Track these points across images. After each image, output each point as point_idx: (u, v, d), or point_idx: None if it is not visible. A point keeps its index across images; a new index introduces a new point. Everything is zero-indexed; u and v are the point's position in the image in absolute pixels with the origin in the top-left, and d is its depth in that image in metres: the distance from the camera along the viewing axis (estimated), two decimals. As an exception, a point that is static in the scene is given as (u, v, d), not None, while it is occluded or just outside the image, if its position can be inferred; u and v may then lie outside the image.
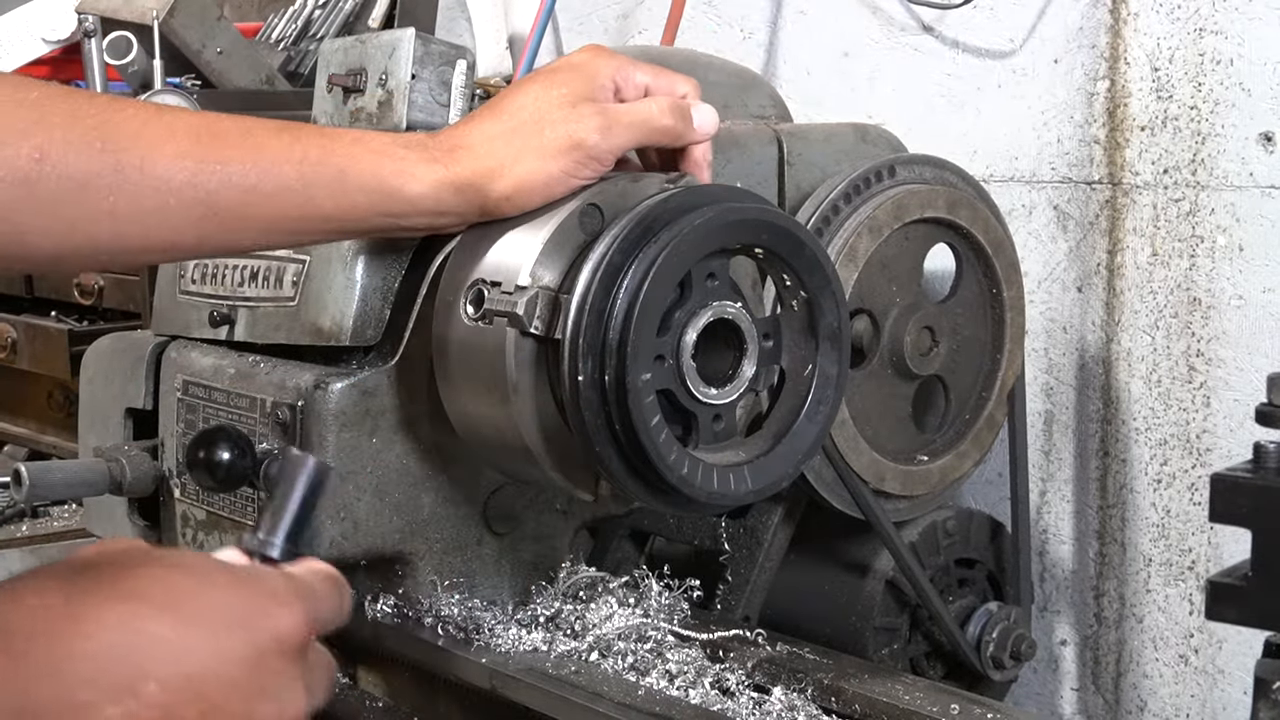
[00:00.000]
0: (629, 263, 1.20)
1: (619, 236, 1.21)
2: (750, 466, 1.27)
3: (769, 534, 1.66)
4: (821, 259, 1.29)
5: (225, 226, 1.16)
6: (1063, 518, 2.06)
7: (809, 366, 1.30)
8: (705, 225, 1.21)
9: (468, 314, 1.26)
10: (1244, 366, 1.86)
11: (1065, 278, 2.02)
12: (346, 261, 1.41)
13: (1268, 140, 1.81)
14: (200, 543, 1.54)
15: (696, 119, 1.29)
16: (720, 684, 1.38)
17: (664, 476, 1.21)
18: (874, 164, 1.60)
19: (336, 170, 1.18)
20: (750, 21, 2.39)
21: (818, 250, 1.29)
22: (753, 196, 1.32)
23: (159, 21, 2.25)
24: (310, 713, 0.84)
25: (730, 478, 1.26)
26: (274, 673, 0.83)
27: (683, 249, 1.20)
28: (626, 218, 1.22)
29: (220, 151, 1.14)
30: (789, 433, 1.30)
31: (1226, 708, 1.92)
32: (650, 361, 1.20)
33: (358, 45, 1.49)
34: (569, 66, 1.27)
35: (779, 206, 1.55)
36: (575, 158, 1.23)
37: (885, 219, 1.58)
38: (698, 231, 1.21)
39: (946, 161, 1.67)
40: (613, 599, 1.46)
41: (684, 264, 1.21)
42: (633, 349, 1.18)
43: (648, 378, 1.19)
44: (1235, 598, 0.94)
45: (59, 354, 2.48)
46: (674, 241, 1.19)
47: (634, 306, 1.18)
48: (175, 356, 1.58)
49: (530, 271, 1.22)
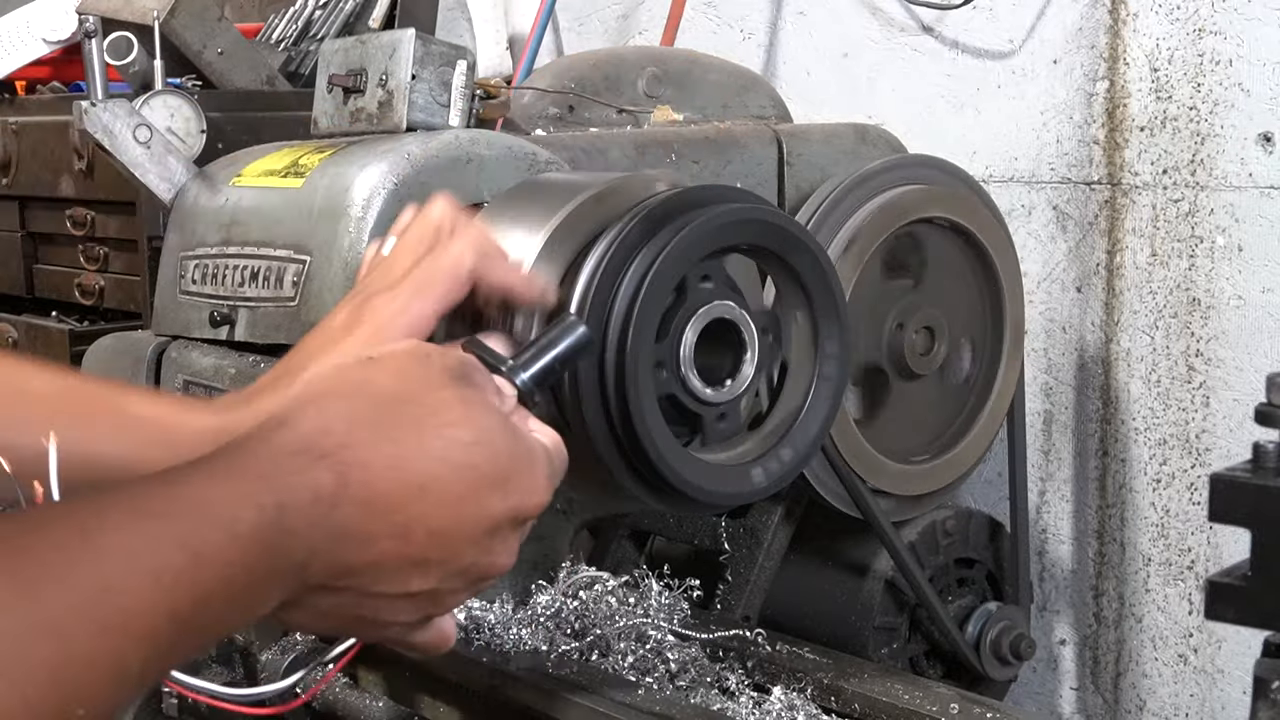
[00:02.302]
0: (627, 265, 1.19)
1: (617, 239, 1.21)
2: (752, 464, 1.28)
3: (769, 534, 1.66)
4: (820, 257, 1.30)
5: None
6: (1062, 517, 2.06)
7: (809, 365, 1.30)
8: (702, 226, 1.21)
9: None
10: (1243, 366, 1.86)
11: (1065, 278, 2.02)
12: (346, 261, 1.41)
13: (1267, 141, 1.81)
14: (201, 543, 1.54)
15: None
16: (720, 684, 1.39)
17: (666, 478, 1.21)
18: (874, 164, 1.60)
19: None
20: (750, 22, 2.39)
21: (816, 249, 1.29)
22: (749, 196, 1.32)
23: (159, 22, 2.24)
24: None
25: (732, 476, 1.26)
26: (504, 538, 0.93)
27: (678, 253, 1.20)
28: (621, 222, 1.22)
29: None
30: (790, 431, 1.30)
31: (1225, 707, 1.92)
32: (650, 368, 1.20)
33: (358, 46, 1.49)
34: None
35: (779, 206, 1.55)
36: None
37: (885, 219, 1.58)
38: (695, 233, 1.21)
39: (946, 162, 1.68)
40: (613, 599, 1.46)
41: (682, 266, 1.21)
42: (631, 355, 1.18)
43: (648, 384, 1.19)
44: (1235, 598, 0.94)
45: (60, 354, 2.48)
46: (672, 244, 1.20)
47: (632, 311, 1.18)
48: (175, 356, 1.58)
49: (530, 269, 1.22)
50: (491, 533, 0.92)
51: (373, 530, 0.87)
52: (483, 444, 0.92)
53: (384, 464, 0.88)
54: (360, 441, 0.87)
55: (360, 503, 0.86)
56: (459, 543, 0.91)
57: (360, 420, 0.89)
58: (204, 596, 0.78)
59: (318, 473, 0.85)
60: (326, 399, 0.90)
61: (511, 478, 0.93)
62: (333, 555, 0.86)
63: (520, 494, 0.93)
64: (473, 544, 0.91)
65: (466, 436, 0.91)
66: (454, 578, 0.92)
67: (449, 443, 0.90)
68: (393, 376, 0.92)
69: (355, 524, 0.86)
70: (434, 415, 0.91)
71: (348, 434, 0.87)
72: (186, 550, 0.78)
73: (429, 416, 0.91)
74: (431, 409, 0.91)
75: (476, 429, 0.92)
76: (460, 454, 0.90)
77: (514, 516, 0.93)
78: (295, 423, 0.88)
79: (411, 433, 0.90)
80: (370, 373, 0.93)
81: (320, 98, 1.52)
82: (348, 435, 0.87)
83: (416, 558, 0.89)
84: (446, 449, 0.90)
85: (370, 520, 0.87)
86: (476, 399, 0.94)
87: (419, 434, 0.90)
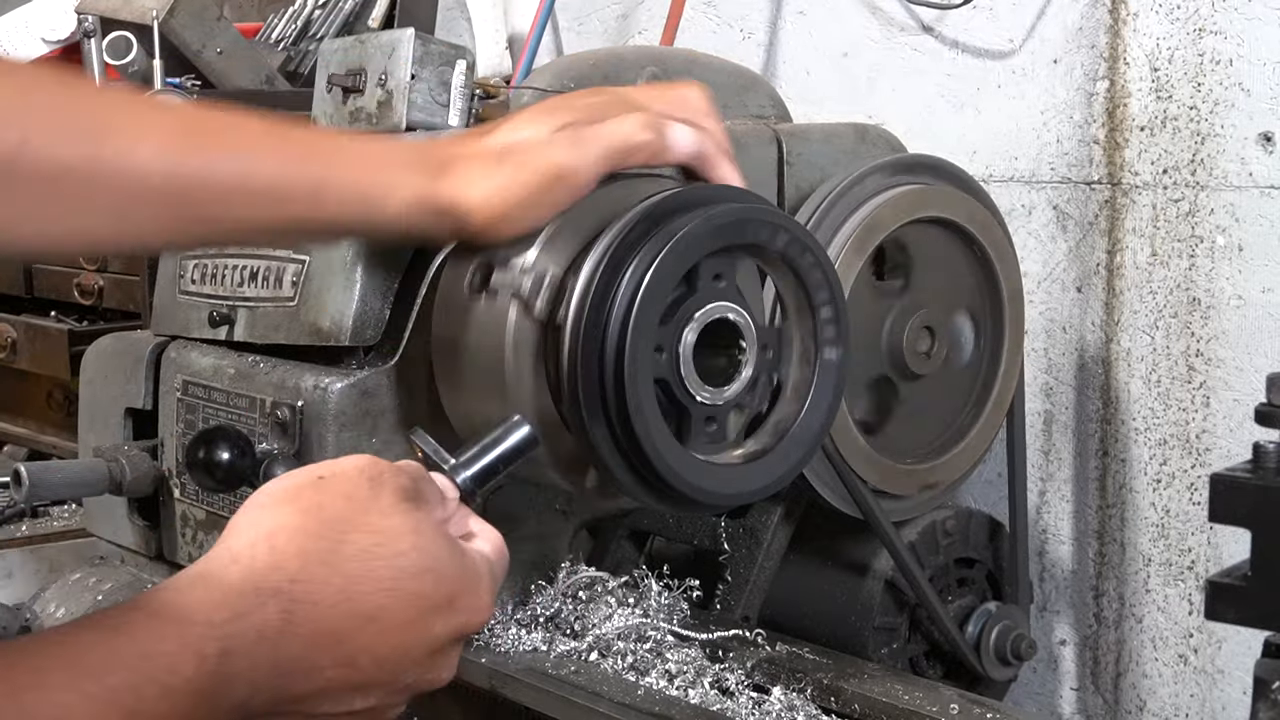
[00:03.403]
0: (633, 254, 1.21)
1: (624, 229, 1.22)
2: (751, 465, 1.28)
3: (769, 534, 1.66)
4: (820, 257, 1.30)
5: (199, 225, 1.15)
6: (1062, 517, 2.06)
7: (809, 364, 1.30)
8: (709, 221, 1.23)
9: (473, 286, 1.27)
10: (1243, 366, 1.86)
11: (1065, 278, 2.02)
12: (346, 261, 1.41)
13: (1267, 140, 1.81)
14: (200, 543, 1.54)
15: (669, 137, 1.27)
16: (720, 684, 1.39)
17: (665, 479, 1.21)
18: (873, 164, 1.60)
19: (316, 179, 1.16)
20: (750, 21, 2.39)
21: (816, 249, 1.30)
22: (749, 196, 1.32)
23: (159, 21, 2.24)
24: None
25: (733, 476, 1.26)
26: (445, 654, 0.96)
27: (686, 243, 1.21)
28: (632, 212, 1.24)
29: (202, 151, 1.12)
30: (789, 431, 1.30)
31: (1226, 707, 1.92)
32: (650, 351, 1.21)
33: (357, 45, 1.49)
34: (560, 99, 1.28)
35: (779, 206, 1.55)
36: (554, 187, 1.23)
37: (885, 219, 1.58)
38: (702, 227, 1.22)
39: (946, 162, 1.67)
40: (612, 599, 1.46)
41: (686, 258, 1.22)
42: (633, 338, 1.19)
43: (648, 385, 1.20)
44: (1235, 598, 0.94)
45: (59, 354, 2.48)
46: (678, 236, 1.21)
47: (636, 296, 1.19)
48: (175, 356, 1.58)
49: (537, 256, 1.24)
50: (434, 653, 0.95)
51: (318, 661, 0.89)
52: (431, 570, 0.94)
53: (334, 597, 0.89)
54: (311, 576, 0.89)
55: (306, 637, 0.88)
56: (404, 665, 0.93)
57: (311, 553, 0.90)
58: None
59: (266, 612, 0.87)
60: (278, 533, 0.91)
61: (456, 599, 0.95)
62: (276, 688, 0.88)
63: (465, 614, 0.96)
64: (416, 665, 0.94)
65: (415, 565, 0.93)
66: (395, 694, 0.95)
67: (399, 572, 0.92)
68: (344, 501, 0.94)
69: (300, 656, 0.88)
70: (384, 545, 0.92)
71: (300, 570, 0.89)
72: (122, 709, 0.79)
73: (378, 546, 0.92)
74: (382, 537, 0.93)
75: (425, 556, 0.94)
76: (410, 583, 0.92)
77: (458, 635, 0.96)
78: (248, 559, 0.89)
79: (361, 564, 0.91)
80: (323, 497, 0.94)
81: (319, 97, 1.52)
82: (300, 571, 0.89)
83: (361, 683, 0.91)
84: (396, 579, 0.92)
85: (316, 652, 0.89)
86: (426, 524, 0.95)
87: (369, 564, 0.91)
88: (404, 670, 0.94)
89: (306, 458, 1.38)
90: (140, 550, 1.64)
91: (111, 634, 0.83)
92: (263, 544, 0.90)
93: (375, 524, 0.93)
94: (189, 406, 1.53)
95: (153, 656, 0.82)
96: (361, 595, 0.91)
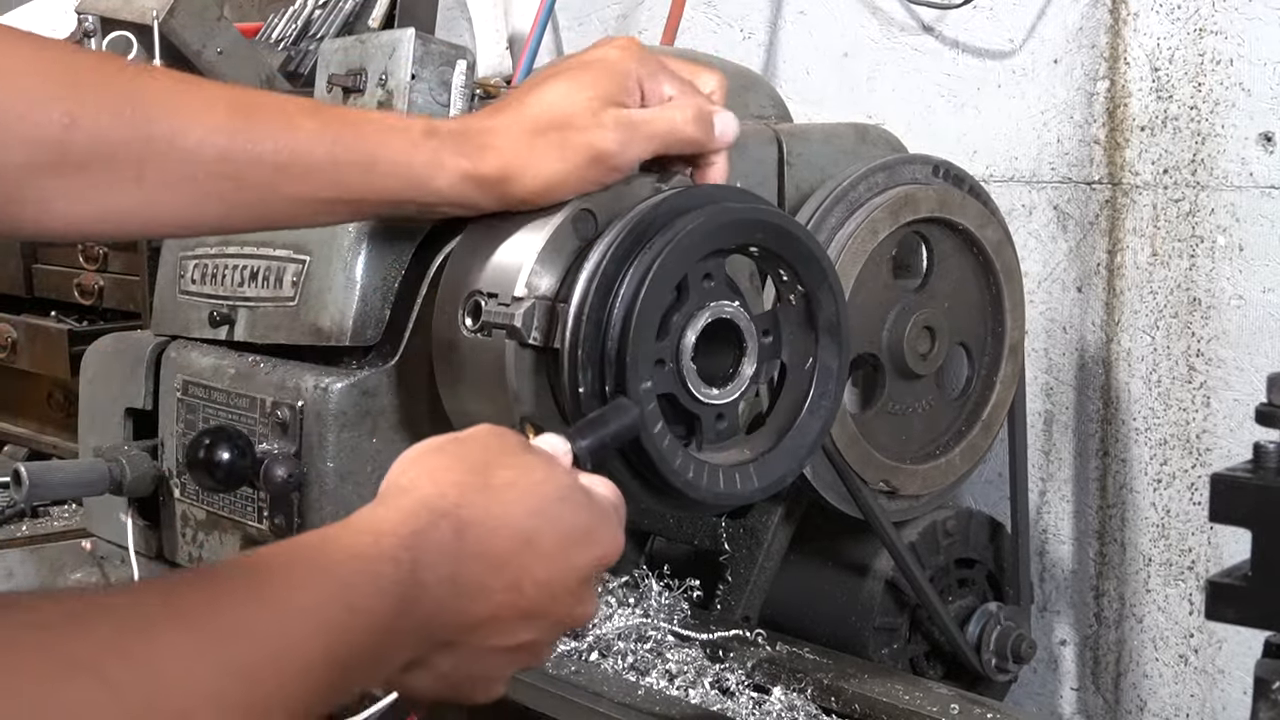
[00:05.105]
0: (625, 269, 1.19)
1: (614, 242, 1.20)
2: (753, 465, 1.27)
3: (769, 534, 1.66)
4: (819, 255, 1.29)
5: (251, 203, 1.16)
6: (1062, 518, 2.06)
7: (809, 362, 1.30)
8: (700, 228, 1.21)
9: (466, 326, 1.26)
10: (1244, 366, 1.86)
11: (1065, 278, 2.02)
12: (346, 261, 1.41)
13: (1268, 140, 1.81)
14: (200, 543, 1.54)
15: (718, 127, 1.28)
16: (720, 684, 1.39)
17: (669, 480, 1.21)
18: (874, 164, 1.60)
19: (367, 155, 1.18)
20: (750, 21, 2.39)
21: (814, 246, 1.29)
22: (747, 195, 1.32)
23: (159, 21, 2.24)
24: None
25: (734, 477, 1.26)
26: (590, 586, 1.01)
27: (678, 253, 1.19)
28: (621, 222, 1.22)
29: (253, 129, 1.14)
30: (791, 430, 1.29)
31: (1226, 708, 1.92)
32: (650, 367, 1.19)
33: (358, 45, 1.49)
34: (599, 63, 1.26)
35: (779, 206, 1.54)
36: (596, 167, 1.23)
37: (885, 219, 1.58)
38: (692, 235, 1.20)
39: (946, 161, 1.67)
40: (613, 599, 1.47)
41: (680, 268, 1.20)
42: (632, 357, 1.17)
43: (648, 385, 1.19)
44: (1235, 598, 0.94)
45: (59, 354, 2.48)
46: (669, 246, 1.19)
47: (631, 314, 1.17)
48: (175, 356, 1.58)
49: (526, 281, 1.21)
50: (584, 582, 1.00)
51: (489, 583, 0.94)
52: (568, 500, 1.00)
53: (494, 521, 0.96)
54: (471, 502, 0.95)
55: (477, 556, 0.94)
56: (560, 593, 0.98)
57: (466, 484, 0.97)
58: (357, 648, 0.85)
59: (440, 531, 0.93)
60: (436, 470, 0.98)
61: (593, 530, 1.01)
62: (457, 609, 0.93)
63: (602, 545, 1.01)
64: (570, 593, 0.99)
65: (555, 493, 1.00)
66: (553, 628, 1.00)
67: (542, 499, 0.99)
68: (480, 448, 1.01)
69: (474, 577, 0.94)
70: (524, 476, 0.99)
71: (460, 496, 0.96)
72: (344, 604, 0.85)
73: (521, 478, 0.99)
74: (520, 472, 0.99)
75: (560, 488, 1.00)
76: (553, 508, 0.99)
77: (599, 565, 1.01)
78: (412, 489, 0.96)
79: (510, 492, 0.98)
80: (461, 449, 1.01)
81: (320, 97, 1.52)
82: (461, 497, 0.95)
83: (527, 609, 0.96)
84: (542, 503, 0.98)
85: (486, 574, 0.94)
86: (554, 464, 1.03)
87: (516, 492, 0.98)
88: (559, 599, 0.98)
89: (306, 458, 1.38)
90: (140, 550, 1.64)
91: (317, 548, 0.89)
92: (424, 478, 0.97)
93: (512, 462, 1.00)
94: (189, 406, 1.53)
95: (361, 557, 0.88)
96: (516, 518, 0.96)
